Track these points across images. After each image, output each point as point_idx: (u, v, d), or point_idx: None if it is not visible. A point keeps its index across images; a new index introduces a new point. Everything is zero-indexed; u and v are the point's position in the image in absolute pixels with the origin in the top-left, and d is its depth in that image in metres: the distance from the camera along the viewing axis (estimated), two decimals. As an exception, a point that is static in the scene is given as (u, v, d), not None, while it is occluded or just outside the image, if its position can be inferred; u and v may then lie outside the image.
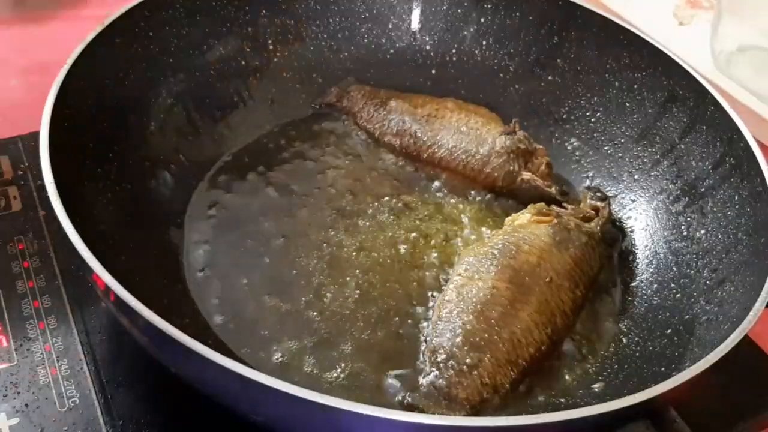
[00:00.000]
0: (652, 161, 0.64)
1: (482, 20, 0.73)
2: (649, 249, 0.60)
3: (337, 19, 0.74)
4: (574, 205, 0.61)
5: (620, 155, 0.66)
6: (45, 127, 0.47)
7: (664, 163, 0.63)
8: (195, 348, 0.36)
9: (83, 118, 0.53)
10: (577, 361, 0.52)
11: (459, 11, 0.74)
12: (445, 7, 0.74)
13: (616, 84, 0.67)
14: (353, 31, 0.74)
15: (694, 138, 0.60)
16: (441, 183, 0.66)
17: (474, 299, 0.51)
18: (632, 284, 0.59)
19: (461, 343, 0.49)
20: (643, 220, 0.62)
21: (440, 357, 0.49)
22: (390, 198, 0.64)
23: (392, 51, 0.75)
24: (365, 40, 0.75)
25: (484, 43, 0.74)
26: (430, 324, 0.53)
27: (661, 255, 0.59)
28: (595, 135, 0.68)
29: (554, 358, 0.52)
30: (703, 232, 0.56)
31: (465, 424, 0.35)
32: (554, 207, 0.60)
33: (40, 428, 0.46)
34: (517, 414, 0.36)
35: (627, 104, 0.66)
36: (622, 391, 0.45)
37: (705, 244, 0.56)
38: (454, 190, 0.65)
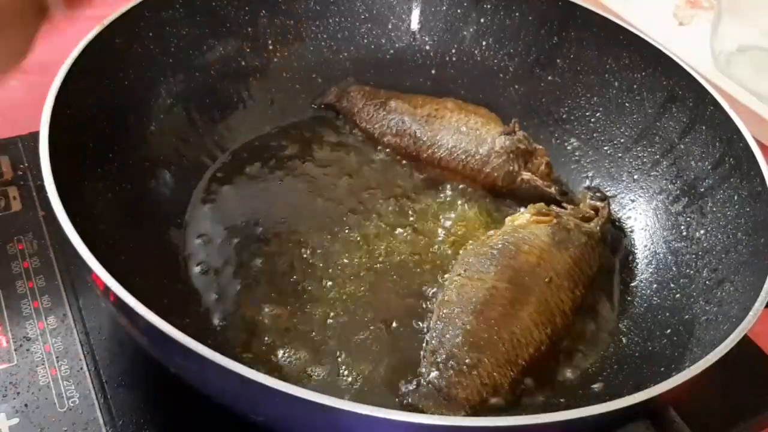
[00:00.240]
0: (651, 161, 0.64)
1: (482, 20, 0.73)
2: (649, 249, 0.60)
3: (337, 20, 0.74)
4: (573, 205, 0.61)
5: (620, 155, 0.66)
6: (45, 127, 0.47)
7: (664, 163, 0.63)
8: (195, 348, 0.36)
9: (83, 118, 0.53)
10: (577, 361, 0.52)
11: (459, 11, 0.74)
12: (444, 7, 0.74)
13: (616, 84, 0.67)
14: (353, 31, 0.74)
15: (694, 138, 0.60)
16: (441, 183, 0.66)
17: (474, 299, 0.51)
18: (632, 284, 0.59)
19: (461, 343, 0.49)
20: (642, 220, 0.62)
21: (440, 357, 0.49)
22: (390, 198, 0.64)
23: (392, 51, 0.75)
24: (365, 41, 0.75)
25: (484, 43, 0.74)
26: (429, 324, 0.53)
27: (661, 255, 0.59)
28: (594, 135, 0.68)
29: (554, 358, 0.52)
30: (702, 232, 0.56)
31: (465, 424, 0.35)
32: (554, 207, 0.60)
33: (40, 428, 0.46)
34: (517, 414, 0.36)
35: (627, 104, 0.66)
36: (622, 391, 0.45)
37: (704, 244, 0.56)
38: (453, 190, 0.65)
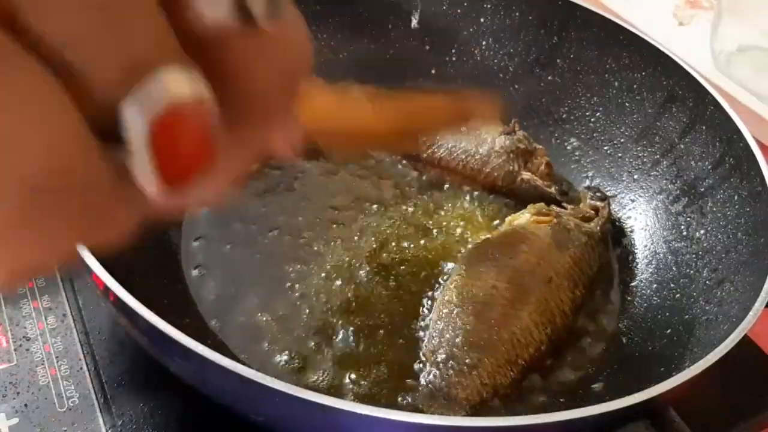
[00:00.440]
0: (651, 161, 0.64)
1: (482, 20, 0.73)
2: (649, 249, 0.60)
3: (337, 19, 0.74)
4: (573, 205, 0.61)
5: (620, 155, 0.66)
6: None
7: (664, 163, 0.63)
8: (195, 348, 0.36)
9: (83, 118, 0.52)
10: (577, 361, 0.52)
11: (459, 11, 0.74)
12: (445, 7, 0.74)
13: (616, 84, 0.67)
14: (353, 31, 0.74)
15: (694, 138, 0.60)
16: (440, 183, 0.66)
17: (474, 299, 0.51)
18: (632, 284, 0.59)
19: (461, 343, 0.49)
20: (642, 220, 0.62)
21: (440, 357, 0.49)
22: (389, 198, 0.64)
23: (392, 51, 0.75)
24: (365, 41, 0.75)
25: (484, 43, 0.74)
26: (429, 324, 0.53)
27: (661, 255, 0.59)
28: (594, 135, 0.68)
29: (554, 358, 0.52)
30: (702, 232, 0.56)
31: (465, 424, 0.36)
32: (554, 207, 0.60)
33: (40, 428, 0.46)
34: (517, 414, 0.36)
35: (627, 104, 0.66)
36: (622, 391, 0.45)
37: (704, 244, 0.56)
38: (453, 190, 0.65)
